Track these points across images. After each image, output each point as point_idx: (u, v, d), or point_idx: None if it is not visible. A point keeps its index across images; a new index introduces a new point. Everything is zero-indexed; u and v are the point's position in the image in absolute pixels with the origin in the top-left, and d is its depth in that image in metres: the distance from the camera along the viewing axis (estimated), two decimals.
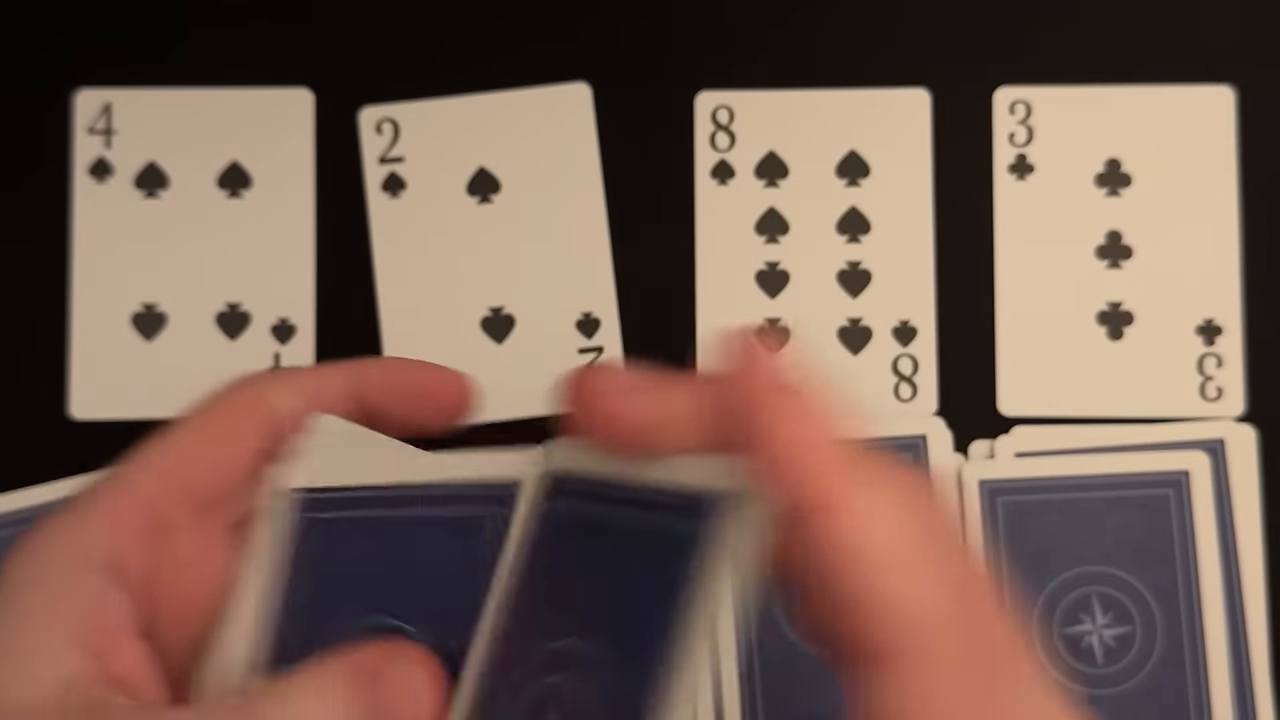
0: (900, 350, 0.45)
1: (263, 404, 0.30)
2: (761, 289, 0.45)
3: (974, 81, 0.46)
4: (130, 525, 0.28)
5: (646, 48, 0.46)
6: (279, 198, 0.46)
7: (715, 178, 0.46)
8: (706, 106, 0.46)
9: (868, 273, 0.45)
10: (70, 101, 0.46)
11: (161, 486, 0.28)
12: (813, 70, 0.46)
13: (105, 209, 0.45)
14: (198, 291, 0.45)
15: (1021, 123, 0.46)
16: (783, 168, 0.46)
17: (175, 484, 0.29)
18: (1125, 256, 0.45)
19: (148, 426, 0.44)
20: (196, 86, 0.46)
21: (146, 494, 0.28)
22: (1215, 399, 0.44)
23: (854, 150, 0.46)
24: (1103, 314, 0.45)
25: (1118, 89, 0.46)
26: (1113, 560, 0.43)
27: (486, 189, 0.46)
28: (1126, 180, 0.46)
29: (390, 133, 0.46)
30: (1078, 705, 0.25)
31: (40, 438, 0.44)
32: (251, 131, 0.46)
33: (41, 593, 0.27)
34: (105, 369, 0.45)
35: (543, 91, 0.46)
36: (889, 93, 0.46)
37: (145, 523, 0.28)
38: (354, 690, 0.25)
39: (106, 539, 0.27)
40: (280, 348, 0.45)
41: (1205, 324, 0.45)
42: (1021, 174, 0.45)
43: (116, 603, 0.27)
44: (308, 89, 0.46)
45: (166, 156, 0.46)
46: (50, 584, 0.27)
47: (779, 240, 0.45)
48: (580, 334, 0.45)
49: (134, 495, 0.28)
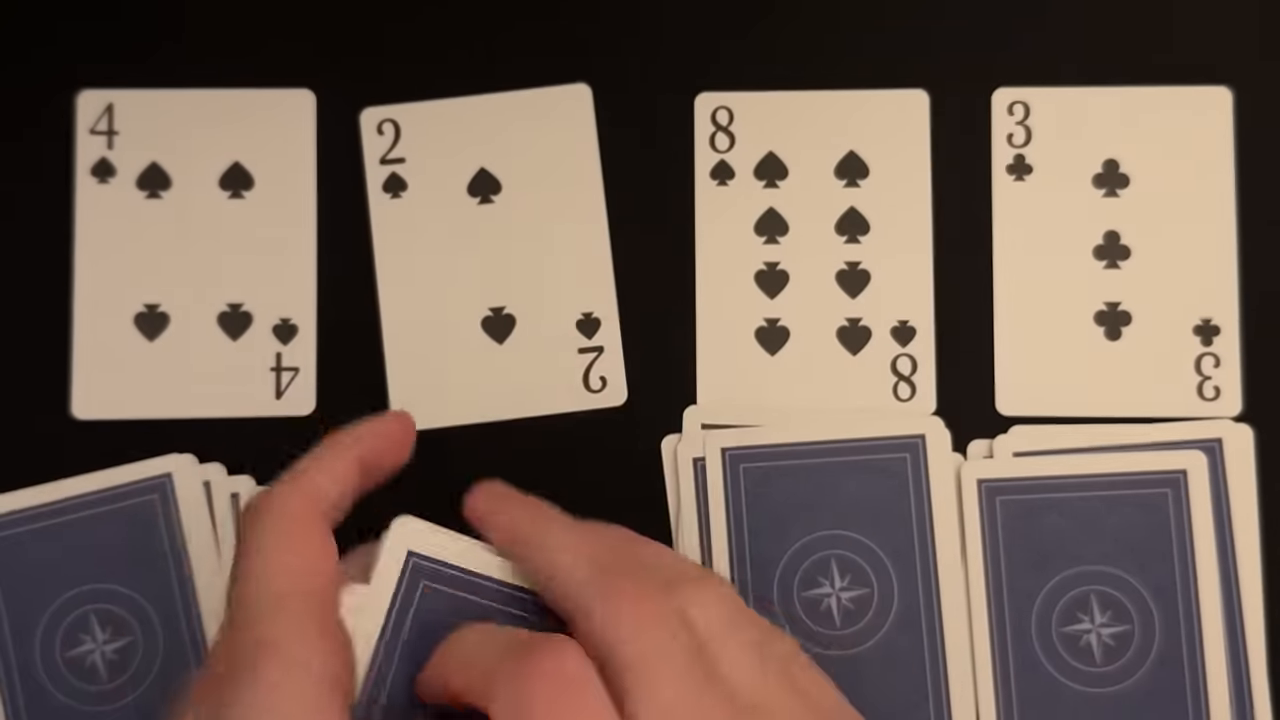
0: (899, 350, 0.45)
1: (317, 499, 0.32)
2: (761, 289, 0.45)
3: (973, 82, 0.46)
4: (312, 636, 0.30)
5: (646, 49, 0.46)
6: (280, 198, 0.46)
7: (715, 178, 0.46)
8: (706, 108, 0.46)
9: (866, 273, 0.45)
10: (72, 102, 0.46)
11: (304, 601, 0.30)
12: (812, 71, 0.46)
13: (107, 209, 0.46)
14: (200, 292, 0.45)
15: (1020, 123, 0.46)
16: (782, 168, 0.46)
17: (304, 595, 0.31)
18: (1123, 257, 0.45)
19: (149, 426, 0.45)
20: (198, 87, 0.46)
21: (300, 609, 0.30)
22: (1213, 399, 0.45)
23: (853, 151, 0.46)
24: (1100, 314, 0.45)
25: (1116, 90, 0.46)
26: (1111, 559, 0.43)
27: (487, 189, 0.46)
28: (1124, 181, 0.46)
29: (391, 133, 0.46)
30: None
31: (42, 437, 0.44)
32: (253, 132, 0.46)
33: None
34: (107, 369, 0.45)
35: (543, 92, 0.46)
36: (887, 94, 0.46)
37: (318, 630, 0.30)
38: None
39: (312, 654, 0.30)
40: (281, 348, 0.45)
41: (1203, 324, 0.45)
42: (1020, 174, 0.46)
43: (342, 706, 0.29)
44: (309, 90, 0.46)
45: (168, 157, 0.46)
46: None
47: (778, 241, 0.46)
48: (580, 334, 0.45)
49: (299, 613, 0.30)
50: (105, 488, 0.43)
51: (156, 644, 0.43)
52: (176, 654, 0.43)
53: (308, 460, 0.33)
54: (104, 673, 0.43)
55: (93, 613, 0.43)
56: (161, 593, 0.43)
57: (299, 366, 0.45)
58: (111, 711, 0.42)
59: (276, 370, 0.45)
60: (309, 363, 0.45)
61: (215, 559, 0.43)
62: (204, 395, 0.45)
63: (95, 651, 0.43)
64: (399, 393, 0.45)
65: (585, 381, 0.45)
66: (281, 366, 0.45)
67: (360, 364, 0.45)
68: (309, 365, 0.45)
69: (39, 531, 0.43)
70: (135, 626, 0.43)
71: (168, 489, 0.43)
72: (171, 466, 0.43)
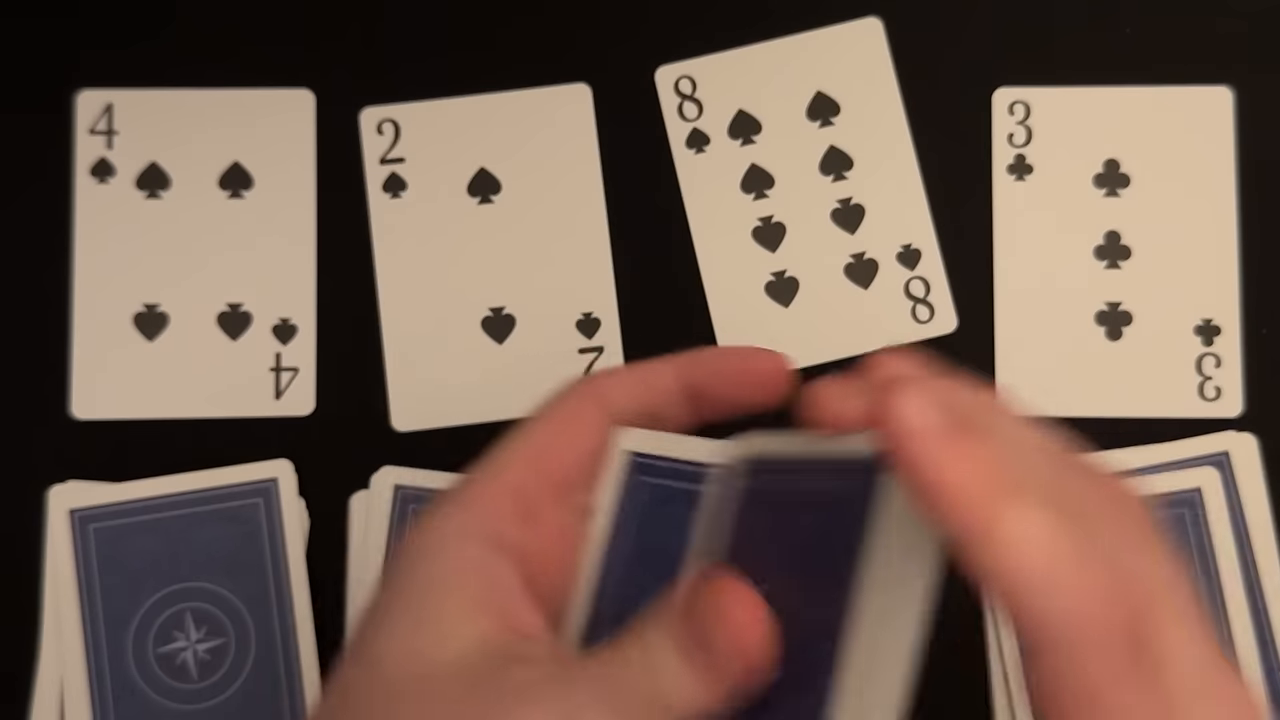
0: (909, 274, 0.45)
1: (604, 398, 0.33)
2: (761, 245, 0.45)
3: (972, 82, 0.46)
4: (504, 508, 0.31)
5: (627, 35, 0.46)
6: (280, 198, 0.46)
7: (691, 147, 0.46)
8: (668, 80, 0.46)
9: (860, 207, 0.45)
10: (72, 102, 0.46)
11: (526, 474, 0.32)
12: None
13: (107, 209, 0.46)
14: (199, 292, 0.45)
15: (1020, 123, 0.46)
16: (755, 124, 0.46)
17: (537, 471, 0.32)
18: (1124, 257, 0.45)
19: (149, 426, 0.45)
20: (198, 87, 0.46)
21: (514, 481, 0.31)
22: (1214, 399, 0.44)
23: (820, 91, 0.46)
24: (1101, 314, 0.45)
25: (1116, 90, 0.46)
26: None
27: (486, 189, 0.46)
28: (1125, 181, 0.46)
29: (391, 133, 0.46)
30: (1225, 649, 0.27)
31: (42, 437, 0.44)
32: (253, 132, 0.46)
33: (443, 564, 0.30)
34: (107, 369, 0.45)
35: (543, 92, 0.46)
36: (843, 27, 0.46)
37: (516, 506, 0.31)
38: (687, 633, 0.27)
39: (489, 519, 0.31)
40: (281, 347, 0.45)
41: (1204, 324, 0.45)
42: (1020, 174, 0.46)
43: (507, 570, 0.30)
44: (309, 90, 0.46)
45: (168, 157, 0.46)
46: (449, 556, 0.30)
47: (767, 194, 0.46)
48: (580, 334, 0.45)
49: (504, 482, 0.31)
50: (210, 487, 0.43)
51: (249, 647, 0.42)
52: (267, 659, 0.42)
53: (619, 366, 0.34)
54: (194, 672, 0.42)
55: (189, 611, 0.43)
56: (258, 596, 0.42)
57: (299, 366, 0.45)
58: (197, 712, 0.42)
59: (276, 370, 0.45)
60: (309, 363, 0.45)
61: (303, 569, 0.43)
62: (204, 395, 0.45)
63: (188, 649, 0.42)
64: (399, 392, 0.45)
65: None
66: (281, 366, 0.45)
67: (360, 364, 0.45)
68: (309, 365, 0.45)
69: (142, 525, 0.43)
70: (230, 628, 0.42)
71: (272, 493, 0.43)
72: (277, 471, 0.43)
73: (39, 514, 0.43)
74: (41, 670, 0.43)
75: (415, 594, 0.29)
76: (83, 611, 0.42)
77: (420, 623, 0.29)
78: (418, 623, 0.29)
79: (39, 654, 0.43)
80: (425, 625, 0.29)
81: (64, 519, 0.43)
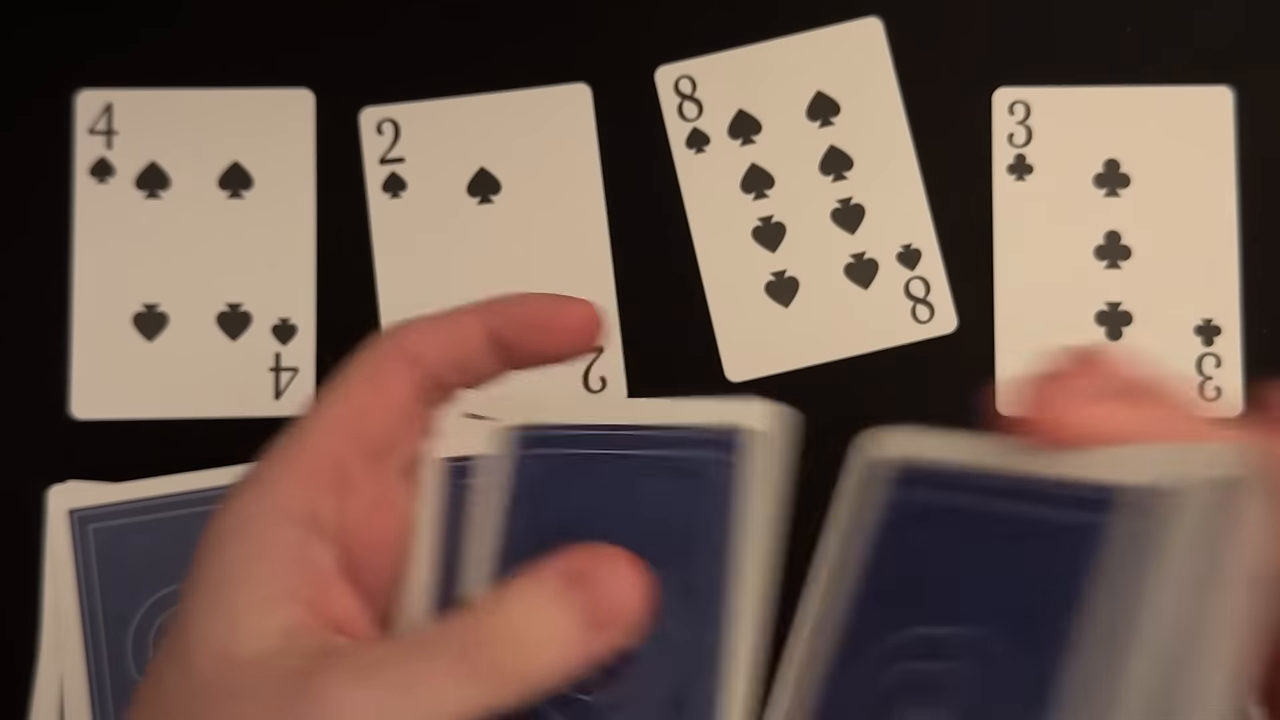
0: (909, 274, 0.45)
1: (408, 351, 0.31)
2: (761, 245, 0.45)
3: (972, 82, 0.46)
4: (316, 481, 0.29)
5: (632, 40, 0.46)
6: (280, 198, 0.46)
7: (691, 147, 0.46)
8: (668, 80, 0.46)
9: (860, 207, 0.45)
10: (71, 102, 0.46)
11: (337, 441, 0.29)
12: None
13: (106, 209, 0.46)
14: (198, 291, 0.45)
15: (1020, 123, 0.46)
16: (755, 124, 0.46)
17: (349, 437, 0.29)
18: (1124, 257, 0.45)
19: (149, 426, 0.45)
20: (197, 87, 0.46)
21: (325, 449, 0.29)
22: (1214, 399, 0.44)
23: (820, 91, 0.46)
24: (1101, 314, 0.45)
25: (1116, 90, 0.46)
26: None
27: (486, 189, 0.46)
28: (1125, 181, 0.46)
29: (391, 133, 0.46)
30: None
31: (41, 437, 0.44)
32: (252, 132, 0.46)
33: (248, 548, 0.28)
34: (106, 369, 0.45)
35: (543, 92, 0.46)
36: (843, 27, 0.46)
37: (329, 475, 0.29)
38: (570, 590, 0.26)
39: (299, 494, 0.28)
40: (281, 347, 0.45)
41: (1204, 324, 0.45)
42: (1020, 174, 0.46)
43: (320, 552, 0.28)
44: (308, 89, 0.46)
45: (167, 157, 0.46)
46: (254, 540, 0.28)
47: (767, 194, 0.46)
48: None
49: (314, 451, 0.29)
50: (210, 487, 0.43)
51: None
52: None
53: (420, 317, 0.32)
54: None
55: None
56: None
57: (298, 366, 0.45)
58: None
59: (276, 370, 0.45)
60: (308, 363, 0.45)
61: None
62: (203, 395, 0.45)
63: None
64: None
65: (585, 381, 0.45)
66: (281, 366, 0.45)
67: None
68: (308, 365, 0.45)
69: (142, 525, 0.43)
70: None
71: None
72: None
73: (39, 514, 0.43)
74: (41, 670, 0.43)
75: (213, 584, 0.27)
76: (82, 611, 0.42)
77: (219, 616, 0.27)
78: (217, 616, 0.27)
79: (39, 654, 0.43)
80: (223, 619, 0.27)
81: (64, 519, 0.43)
